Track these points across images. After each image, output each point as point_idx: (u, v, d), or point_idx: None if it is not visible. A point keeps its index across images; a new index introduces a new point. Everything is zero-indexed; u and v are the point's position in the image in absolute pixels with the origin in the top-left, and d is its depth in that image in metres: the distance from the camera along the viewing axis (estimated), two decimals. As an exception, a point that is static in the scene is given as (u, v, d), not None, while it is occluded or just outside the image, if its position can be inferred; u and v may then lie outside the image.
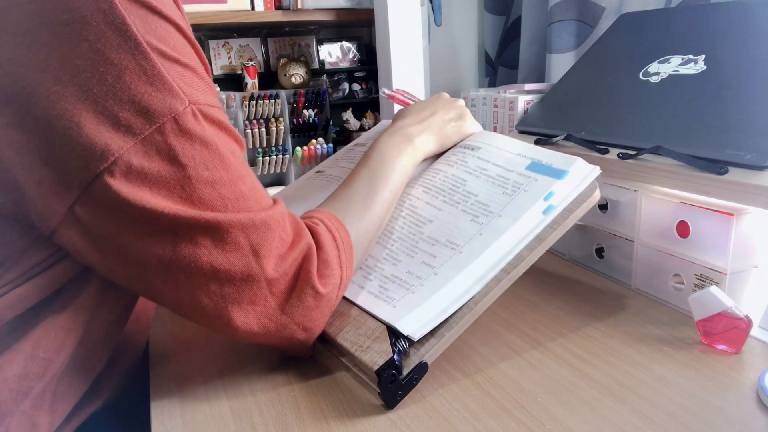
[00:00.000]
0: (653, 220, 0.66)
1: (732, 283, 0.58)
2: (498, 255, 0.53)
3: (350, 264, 0.53)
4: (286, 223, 0.48)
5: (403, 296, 0.53)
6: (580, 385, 0.50)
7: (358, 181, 0.58)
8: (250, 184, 0.46)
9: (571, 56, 1.16)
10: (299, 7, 1.30)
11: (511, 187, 0.59)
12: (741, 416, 0.45)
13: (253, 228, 0.45)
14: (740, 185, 0.55)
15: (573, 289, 0.71)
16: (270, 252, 0.46)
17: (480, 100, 1.07)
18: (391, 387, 0.48)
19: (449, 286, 0.52)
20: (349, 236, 0.53)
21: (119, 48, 0.40)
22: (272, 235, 0.46)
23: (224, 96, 1.12)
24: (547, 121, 0.87)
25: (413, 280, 0.55)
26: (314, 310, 0.49)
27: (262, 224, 0.45)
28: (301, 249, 0.48)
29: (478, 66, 1.56)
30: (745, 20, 0.71)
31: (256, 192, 0.47)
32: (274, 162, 1.16)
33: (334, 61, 1.52)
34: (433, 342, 0.50)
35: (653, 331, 0.59)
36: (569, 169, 0.57)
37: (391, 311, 0.52)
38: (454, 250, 0.55)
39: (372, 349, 0.50)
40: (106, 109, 0.40)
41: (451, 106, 0.68)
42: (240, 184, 0.45)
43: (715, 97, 0.66)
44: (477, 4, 1.51)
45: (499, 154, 0.63)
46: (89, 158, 0.40)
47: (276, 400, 0.51)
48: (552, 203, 0.55)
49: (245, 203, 0.45)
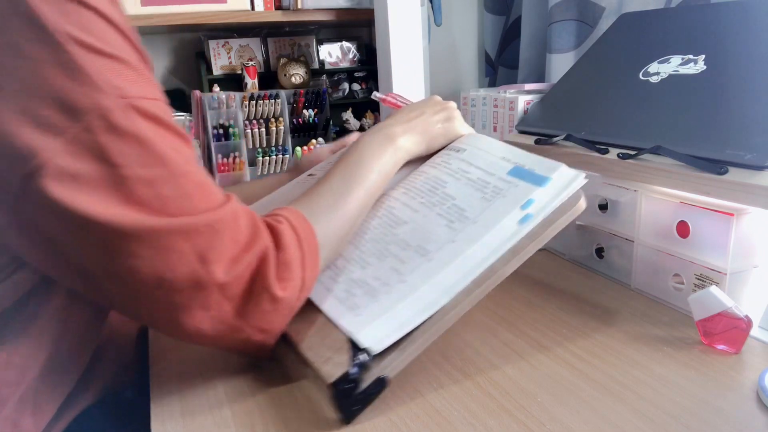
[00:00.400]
0: (653, 220, 0.66)
1: (732, 283, 0.58)
2: (468, 265, 0.51)
3: (314, 265, 0.50)
4: (238, 223, 0.44)
5: (367, 304, 0.51)
6: (580, 385, 0.50)
7: (332, 179, 0.56)
8: (195, 182, 0.43)
9: (571, 56, 1.16)
10: (299, 7, 1.30)
11: (491, 192, 0.56)
12: (741, 416, 0.45)
13: (196, 233, 0.41)
14: (740, 185, 0.55)
15: (573, 289, 0.71)
16: (219, 255, 0.42)
17: (480, 100, 1.07)
18: (346, 401, 0.46)
19: (414, 296, 0.50)
20: (314, 236, 0.50)
21: (34, 40, 0.38)
22: (220, 237, 0.43)
23: (224, 96, 1.12)
24: (547, 121, 0.87)
25: (380, 287, 0.52)
26: (271, 314, 0.47)
27: (206, 227, 0.42)
28: (256, 250, 0.45)
29: (478, 66, 1.56)
30: (745, 20, 0.71)
31: (204, 190, 0.43)
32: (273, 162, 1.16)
33: (334, 61, 1.52)
34: (395, 356, 0.47)
35: (653, 331, 0.59)
36: (551, 175, 0.54)
37: (354, 320, 0.50)
38: (424, 257, 0.53)
39: (332, 361, 0.48)
40: (27, 107, 0.38)
41: (441, 107, 0.66)
42: (183, 182, 0.42)
43: (715, 97, 0.66)
44: (477, 4, 1.51)
45: (483, 156, 0.61)
46: (16, 161, 0.38)
47: (276, 400, 0.51)
48: (530, 212, 0.52)
49: (189, 203, 0.42)
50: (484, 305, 0.66)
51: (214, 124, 1.12)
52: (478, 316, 0.64)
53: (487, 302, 0.67)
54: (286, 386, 0.53)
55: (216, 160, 1.10)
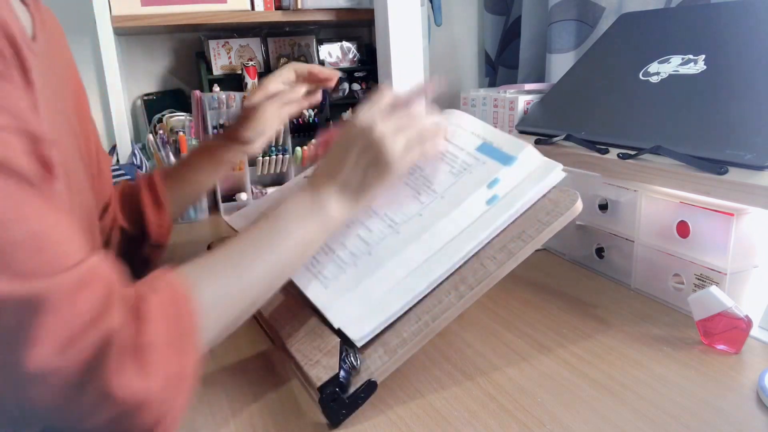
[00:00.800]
0: (653, 220, 0.66)
1: (732, 283, 0.58)
2: (436, 242, 0.50)
3: (189, 350, 0.40)
4: (81, 296, 0.35)
5: (335, 276, 0.50)
6: (580, 385, 0.50)
7: (243, 241, 0.48)
8: (25, 239, 0.34)
9: (571, 56, 1.16)
10: (299, 7, 1.30)
11: (459, 167, 0.56)
12: (741, 416, 0.45)
13: (15, 307, 0.32)
14: (740, 185, 0.55)
15: (573, 289, 0.71)
16: (45, 337, 0.33)
17: (480, 100, 1.07)
18: (333, 405, 0.46)
19: (382, 272, 0.49)
20: (193, 314, 0.40)
21: None
22: (50, 314, 0.33)
23: (224, 96, 1.12)
24: (547, 121, 0.87)
25: (347, 257, 0.51)
26: (107, 413, 0.35)
27: (29, 300, 0.33)
28: (96, 335, 0.34)
29: (478, 66, 1.56)
30: (745, 20, 0.71)
31: (45, 251, 0.34)
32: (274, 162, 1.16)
33: (334, 61, 1.52)
34: (385, 359, 0.48)
35: (653, 331, 0.59)
36: (517, 155, 0.54)
37: (323, 293, 0.49)
38: (392, 228, 0.52)
39: (320, 364, 0.47)
40: None
41: (366, 141, 0.53)
42: (9, 241, 0.33)
43: (715, 97, 0.66)
44: (477, 4, 1.51)
45: (456, 132, 0.60)
46: None
47: (276, 400, 0.51)
48: (497, 192, 0.52)
49: (17, 267, 0.33)
50: (484, 305, 0.66)
51: (214, 124, 1.12)
52: (478, 316, 0.64)
53: (487, 302, 0.67)
54: (286, 386, 0.53)
55: (216, 160, 1.11)
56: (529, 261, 0.52)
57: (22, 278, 0.33)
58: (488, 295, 0.51)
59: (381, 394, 0.50)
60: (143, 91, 1.42)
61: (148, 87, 1.43)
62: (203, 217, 1.10)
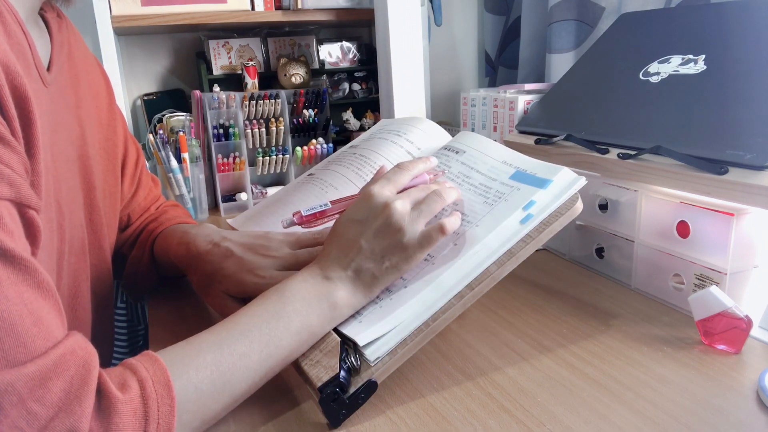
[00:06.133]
0: (653, 220, 0.66)
1: (732, 283, 0.58)
2: (468, 267, 0.50)
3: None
4: (47, 388, 0.33)
5: (371, 310, 0.50)
6: (580, 385, 0.50)
7: (237, 325, 0.45)
8: (3, 323, 0.32)
9: (571, 56, 1.16)
10: (299, 7, 1.30)
11: (493, 197, 0.56)
12: (741, 416, 0.45)
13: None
14: (740, 185, 0.55)
15: (573, 289, 0.71)
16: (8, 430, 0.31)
17: (480, 100, 1.07)
18: (333, 405, 0.46)
19: (415, 300, 0.49)
20: (169, 414, 0.38)
21: None
22: (13, 408, 0.32)
23: (224, 96, 1.12)
24: (547, 121, 0.87)
25: (383, 293, 0.52)
26: None
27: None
28: (62, 428, 0.33)
29: (478, 66, 1.56)
30: (745, 20, 0.71)
31: (12, 337, 0.33)
32: (274, 162, 1.16)
33: (334, 61, 1.52)
34: (386, 360, 0.47)
35: (653, 331, 0.59)
36: (553, 178, 0.54)
37: (356, 326, 0.50)
38: (427, 261, 0.52)
39: (320, 364, 0.47)
40: None
41: (382, 226, 0.49)
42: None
43: (715, 97, 0.66)
44: (477, 4, 1.51)
45: (484, 160, 0.60)
46: None
47: (276, 400, 0.51)
48: (531, 212, 0.52)
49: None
50: (484, 305, 0.66)
51: (214, 124, 1.12)
52: (478, 316, 0.64)
53: (487, 302, 0.67)
54: (286, 386, 0.53)
55: (216, 160, 1.11)
56: (529, 261, 0.52)
57: (10, 365, 0.32)
58: (488, 295, 0.51)
59: (381, 394, 0.50)
60: (143, 91, 1.42)
61: (148, 87, 1.43)
62: (203, 218, 1.10)
